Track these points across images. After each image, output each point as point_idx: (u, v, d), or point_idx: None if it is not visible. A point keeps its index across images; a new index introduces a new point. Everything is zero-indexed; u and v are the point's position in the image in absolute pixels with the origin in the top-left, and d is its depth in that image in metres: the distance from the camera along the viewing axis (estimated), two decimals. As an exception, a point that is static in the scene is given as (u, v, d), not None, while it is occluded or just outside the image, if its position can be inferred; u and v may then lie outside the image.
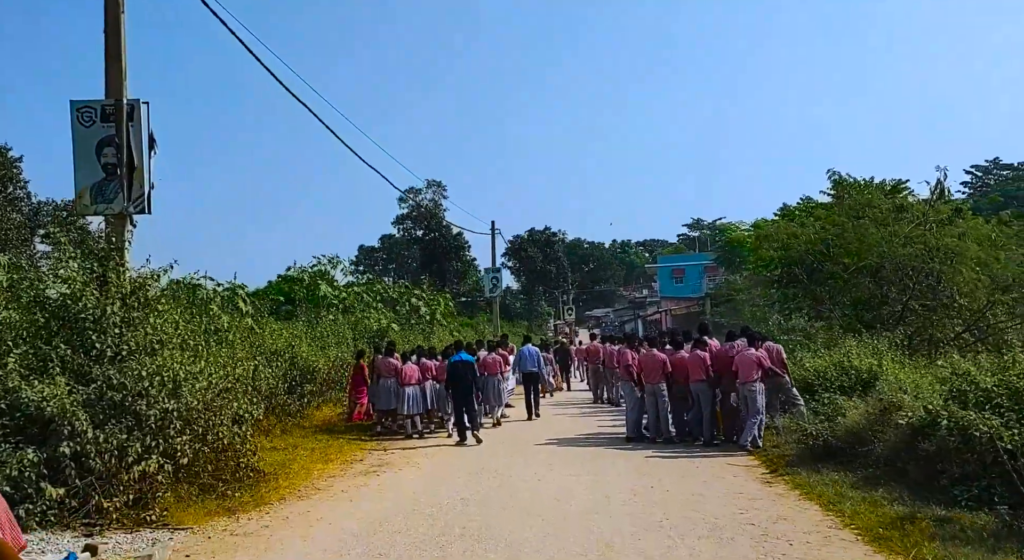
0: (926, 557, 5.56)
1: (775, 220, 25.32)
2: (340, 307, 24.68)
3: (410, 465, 11.06)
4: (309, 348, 18.02)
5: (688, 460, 10.62)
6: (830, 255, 19.87)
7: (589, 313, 78.53)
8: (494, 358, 15.88)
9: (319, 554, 6.61)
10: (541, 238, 68.55)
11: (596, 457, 11.10)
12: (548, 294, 70.18)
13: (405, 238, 79.42)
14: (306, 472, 10.56)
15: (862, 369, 12.87)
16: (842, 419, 9.52)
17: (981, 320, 18.55)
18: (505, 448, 12.37)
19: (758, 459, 10.40)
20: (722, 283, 43.52)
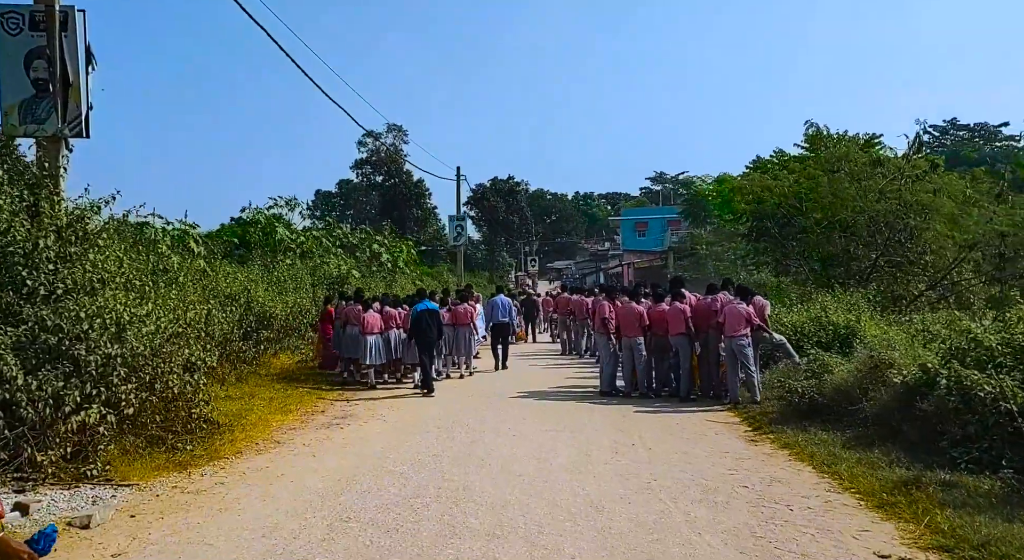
0: (941, 526, 5.20)
1: (748, 173, 24.90)
2: (298, 252, 23.69)
3: (375, 418, 10.48)
4: (266, 293, 17.16)
5: (667, 416, 10.24)
6: (802, 209, 19.58)
7: (550, 265, 78.18)
8: (466, 308, 15.27)
9: (281, 516, 6.01)
10: (504, 187, 67.50)
11: (572, 411, 10.66)
12: (510, 245, 69.51)
13: (364, 184, 77.50)
14: (264, 424, 9.91)
15: (840, 325, 12.64)
16: (829, 376, 9.19)
17: (946, 278, 18.56)
18: (476, 401, 11.86)
19: (738, 416, 10.07)
20: (686, 237, 43.43)
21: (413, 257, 28.89)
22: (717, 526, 5.59)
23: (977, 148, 62.60)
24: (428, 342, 12.86)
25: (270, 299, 16.99)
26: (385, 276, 25.50)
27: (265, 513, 6.12)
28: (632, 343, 11.82)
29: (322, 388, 13.40)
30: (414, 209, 69.97)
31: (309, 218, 29.78)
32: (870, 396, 8.44)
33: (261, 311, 16.29)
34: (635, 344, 11.80)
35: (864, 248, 19.14)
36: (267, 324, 16.47)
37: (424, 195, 69.63)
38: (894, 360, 8.65)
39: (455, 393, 12.77)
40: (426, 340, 12.82)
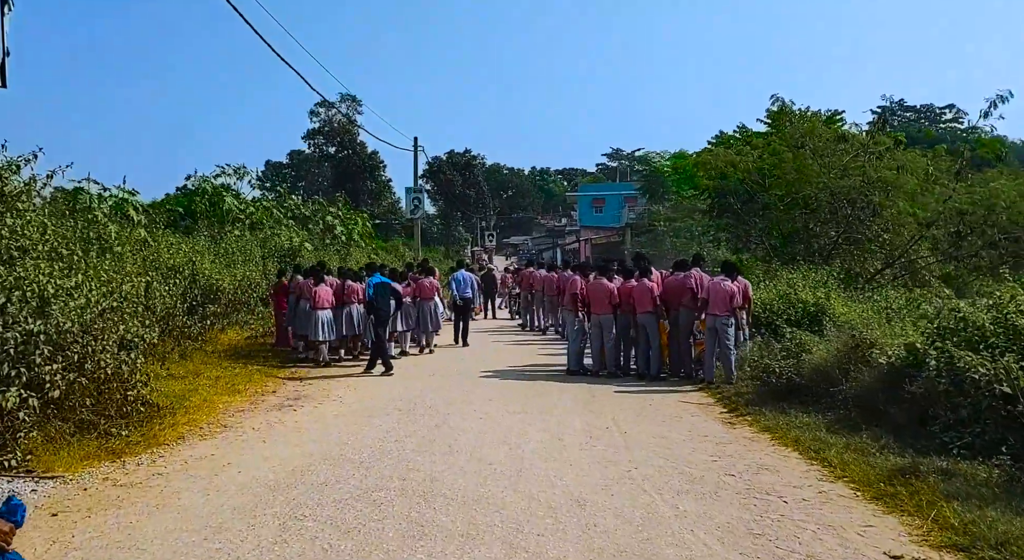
0: (949, 520, 4.83)
1: (711, 148, 24.56)
2: (247, 223, 22.63)
3: (331, 399, 9.81)
4: (212, 265, 16.22)
5: (639, 396, 9.81)
6: (765, 185, 19.35)
7: (506, 240, 77.54)
8: (431, 283, 14.66)
9: (226, 514, 5.36)
10: (460, 161, 66.43)
11: (540, 391, 10.15)
12: (466, 219, 68.62)
13: (316, 155, 75.46)
14: (209, 406, 9.16)
15: (808, 302, 12.39)
16: (807, 356, 8.84)
17: (903, 256, 18.57)
18: (439, 380, 11.26)
19: (712, 396, 9.69)
20: (643, 213, 43.24)
21: (368, 230, 27.96)
22: (709, 522, 5.14)
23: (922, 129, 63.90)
24: (383, 318, 12.21)
25: (217, 272, 16.08)
26: (339, 249, 24.59)
27: (208, 510, 5.45)
28: (601, 320, 11.34)
29: (274, 366, 12.64)
30: (368, 181, 68.48)
31: (259, 189, 28.46)
32: (852, 377, 8.12)
33: (207, 284, 15.39)
34: (604, 322, 11.33)
35: (824, 225, 19.05)
36: (214, 298, 15.58)
37: (378, 167, 68.11)
38: (875, 339, 8.34)
39: (417, 371, 12.16)
40: (381, 316, 12.16)
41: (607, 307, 11.33)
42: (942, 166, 19.21)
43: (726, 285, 10.22)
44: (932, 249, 18.77)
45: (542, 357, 13.85)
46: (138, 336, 8.28)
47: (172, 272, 13.57)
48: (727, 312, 10.07)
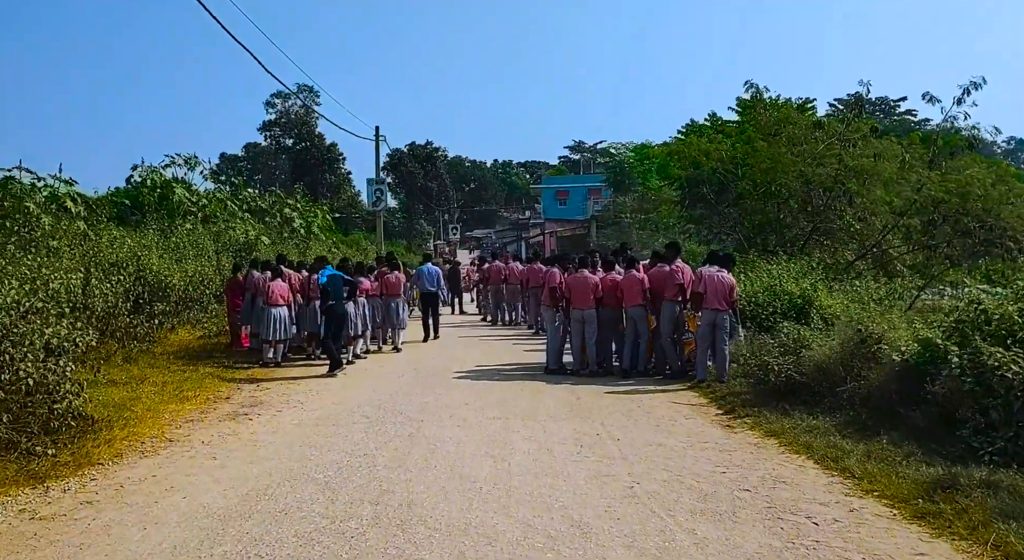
0: (1014, 547, 4.19)
1: (682, 138, 24.04)
2: (199, 216, 21.39)
3: (291, 405, 8.90)
4: (161, 261, 15.09)
5: (625, 397, 9.10)
6: (739, 175, 18.86)
7: (470, 233, 76.56)
8: (397, 278, 13.81)
9: (166, 554, 4.48)
10: (422, 153, 65.26)
11: (519, 393, 9.37)
12: (428, 213, 67.51)
13: (272, 147, 73.55)
14: (154, 416, 8.19)
15: (795, 294, 11.86)
16: (807, 352, 8.22)
17: (876, 246, 18.24)
18: (410, 382, 10.40)
19: (703, 396, 9.03)
20: (609, 205, 42.72)
21: (328, 223, 26.84)
22: (735, 551, 4.42)
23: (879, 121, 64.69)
24: (338, 314, 11.35)
25: (166, 267, 14.96)
26: (298, 243, 23.47)
27: (144, 550, 4.56)
28: (584, 316, 10.61)
29: (229, 368, 11.64)
30: (327, 174, 67.01)
31: (214, 182, 26.94)
32: (859, 375, 7.51)
33: (156, 281, 14.29)
34: (587, 317, 10.60)
35: (797, 215, 18.66)
36: (163, 295, 14.48)
37: (338, 160, 66.67)
38: (882, 334, 7.75)
39: (384, 371, 11.29)
40: (336, 311, 11.28)
41: (590, 301, 10.60)
42: (915, 154, 18.96)
43: (726, 277, 9.55)
44: (905, 239, 18.52)
45: (516, 354, 13.08)
46: (68, 340, 7.28)
47: (114, 268, 12.45)
48: (727, 307, 9.42)
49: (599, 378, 10.44)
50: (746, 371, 9.28)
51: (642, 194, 39.24)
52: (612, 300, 10.77)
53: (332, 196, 68.33)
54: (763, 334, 9.98)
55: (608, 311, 10.80)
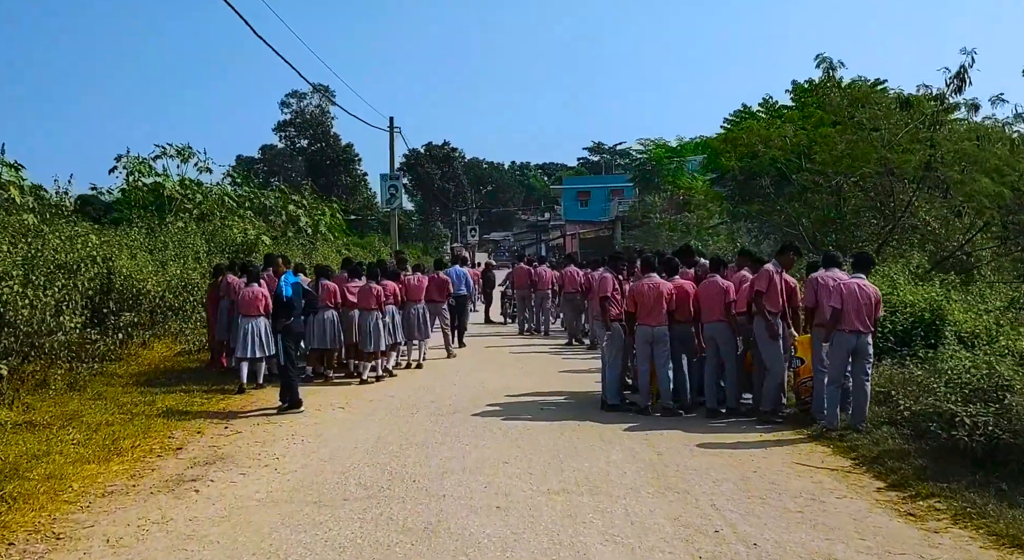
0: None
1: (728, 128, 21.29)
2: (194, 213, 18.96)
3: (261, 463, 6.31)
4: (133, 262, 12.61)
5: (729, 455, 6.42)
6: (803, 165, 16.13)
7: (487, 236, 73.90)
8: (419, 280, 11.29)
9: None
10: (439, 154, 62.77)
11: (576, 446, 6.71)
12: (445, 214, 65.01)
13: (288, 149, 71.43)
14: (60, 484, 5.64)
15: (918, 305, 9.19)
16: (1015, 398, 5.51)
17: (962, 248, 15.45)
18: (427, 422, 7.73)
19: (839, 454, 6.31)
20: (636, 204, 39.96)
21: (339, 223, 24.34)
22: None
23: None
24: (296, 335, 8.79)
25: (140, 270, 12.49)
26: (304, 243, 20.98)
27: None
28: (654, 334, 7.95)
29: (200, 396, 9.11)
30: (343, 175, 64.74)
31: (230, 185, 24.21)
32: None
33: (125, 286, 11.85)
34: (658, 336, 7.95)
35: (872, 212, 15.91)
36: (133, 304, 12.03)
37: (353, 160, 64.33)
38: None
39: (395, 404, 8.66)
40: (293, 330, 8.69)
41: (661, 316, 7.95)
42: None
43: (868, 287, 6.86)
44: (1001, 240, 15.72)
45: (557, 377, 10.45)
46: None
47: (63, 271, 9.96)
48: (871, 328, 6.74)
49: (676, 419, 7.78)
50: (891, 416, 6.62)
51: (672, 193, 36.62)
52: (684, 314, 8.15)
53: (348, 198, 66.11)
54: (911, 363, 7.30)
55: (679, 327, 8.17)
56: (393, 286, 10.87)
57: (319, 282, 10.31)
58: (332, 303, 10.28)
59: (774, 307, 7.34)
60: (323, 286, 10.24)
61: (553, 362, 12.18)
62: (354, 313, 10.38)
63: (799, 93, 19.65)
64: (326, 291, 10.22)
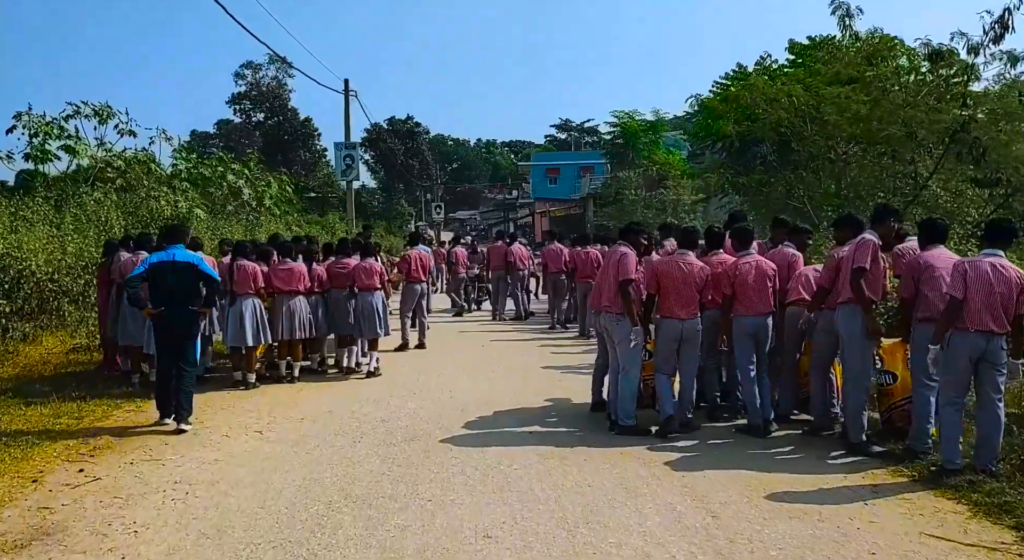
0: None
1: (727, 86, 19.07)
2: (116, 183, 16.30)
3: (105, 542, 3.99)
4: (13, 237, 10.11)
5: (817, 518, 4.29)
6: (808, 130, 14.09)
7: (452, 214, 71.34)
8: (370, 266, 8.89)
9: None
10: (403, 128, 59.90)
11: (589, 504, 4.48)
12: (409, 192, 62.30)
13: (245, 124, 67.73)
14: None
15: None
16: None
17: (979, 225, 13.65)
18: (372, 460, 5.39)
19: (977, 512, 4.27)
20: (608, 181, 37.87)
21: (288, 195, 21.69)
22: None
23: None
24: (174, 331, 6.39)
25: (23, 249, 10.00)
26: (247, 218, 18.44)
27: None
28: (683, 330, 5.83)
29: (77, 409, 6.75)
30: (301, 151, 61.63)
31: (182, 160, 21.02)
32: None
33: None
34: (688, 333, 5.83)
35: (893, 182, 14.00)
36: (12, 288, 9.57)
37: (312, 135, 61.14)
38: None
39: (332, 428, 6.39)
40: (169, 327, 6.35)
41: (692, 305, 5.83)
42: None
43: (1009, 270, 4.75)
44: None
45: (546, 379, 8.29)
46: None
47: None
48: (1006, 326, 4.67)
49: (716, 442, 5.67)
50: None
51: (647, 168, 34.55)
52: (714, 299, 6.07)
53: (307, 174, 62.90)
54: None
55: (710, 319, 6.09)
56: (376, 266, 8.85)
57: (234, 264, 7.98)
58: (253, 289, 7.94)
59: (875, 294, 5.23)
60: (240, 268, 7.89)
61: (536, 355, 10.04)
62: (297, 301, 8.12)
63: (799, 51, 17.62)
64: (243, 274, 7.88)
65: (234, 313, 7.81)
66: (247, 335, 7.79)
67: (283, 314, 8.18)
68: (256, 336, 7.89)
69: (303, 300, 8.32)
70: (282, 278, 8.24)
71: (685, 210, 33.31)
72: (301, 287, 8.28)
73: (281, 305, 8.20)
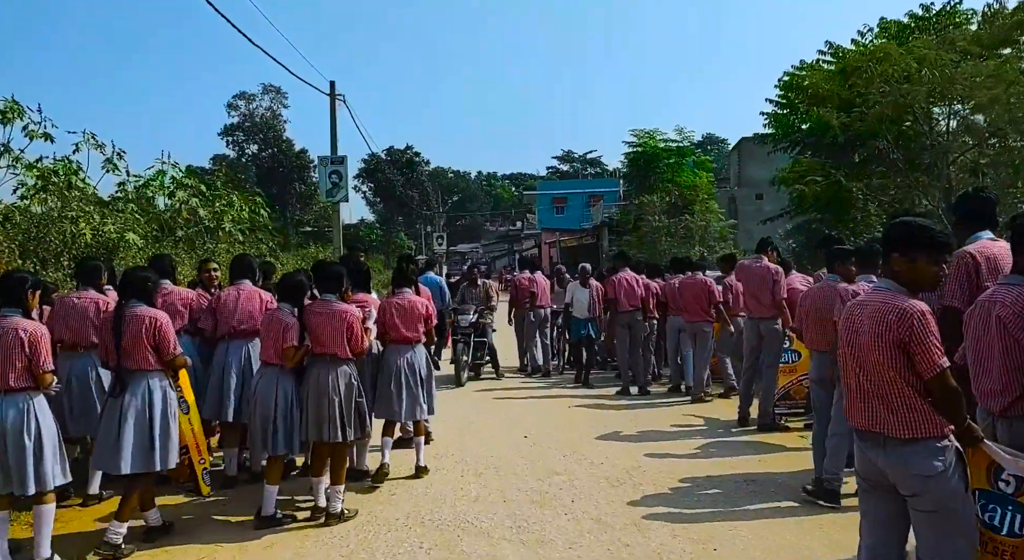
0: None
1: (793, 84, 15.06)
2: (27, 201, 12.12)
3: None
4: None
5: None
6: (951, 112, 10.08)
7: (453, 248, 67.49)
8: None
9: None
10: (402, 159, 56.25)
11: None
12: (409, 225, 58.39)
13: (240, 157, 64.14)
14: None
15: None
16: None
17: None
18: None
19: None
20: (628, 207, 33.82)
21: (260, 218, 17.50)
22: None
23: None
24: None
25: None
26: (201, 243, 14.24)
27: None
28: None
29: None
30: (297, 183, 57.97)
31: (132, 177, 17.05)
32: None
33: None
34: None
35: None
36: None
37: (308, 167, 57.46)
38: None
39: None
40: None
41: None
42: None
43: None
44: None
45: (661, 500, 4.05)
46: None
47: None
48: None
49: None
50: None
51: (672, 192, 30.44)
52: None
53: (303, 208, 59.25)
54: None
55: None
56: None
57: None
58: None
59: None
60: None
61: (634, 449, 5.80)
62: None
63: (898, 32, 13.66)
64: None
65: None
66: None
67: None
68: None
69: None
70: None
71: (717, 238, 29.28)
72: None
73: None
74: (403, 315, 5.82)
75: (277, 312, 5.03)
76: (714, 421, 7.51)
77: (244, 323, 5.63)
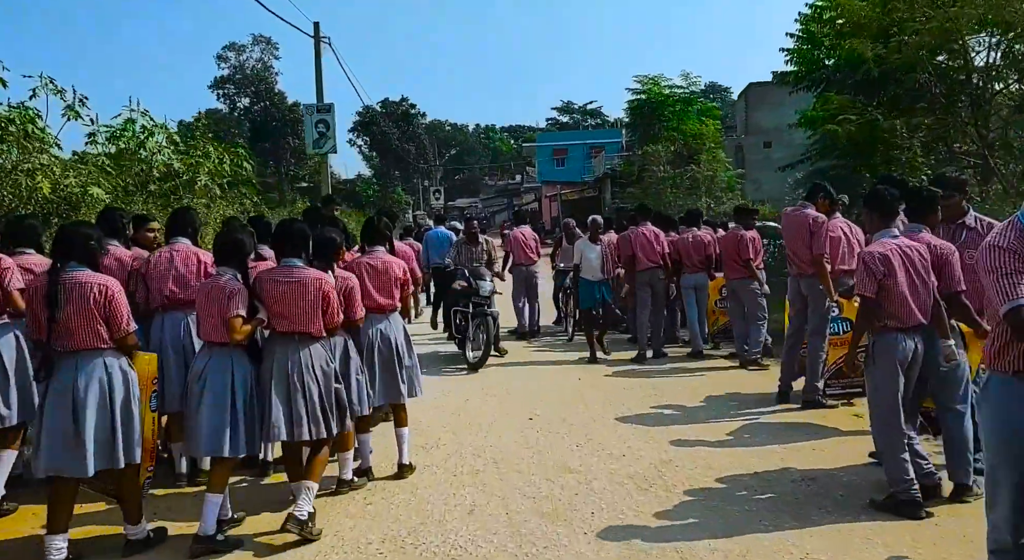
0: None
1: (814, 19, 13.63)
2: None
3: None
4: None
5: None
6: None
7: (452, 203, 66.06)
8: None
9: None
10: (397, 111, 54.41)
11: None
12: (406, 179, 56.87)
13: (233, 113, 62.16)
14: None
15: None
16: None
17: None
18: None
19: None
20: (632, 157, 32.40)
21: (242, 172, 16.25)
22: None
23: None
24: None
25: None
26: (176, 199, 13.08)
27: None
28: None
29: None
30: (290, 138, 56.17)
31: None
32: None
33: None
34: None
35: None
36: None
37: (300, 121, 55.36)
38: None
39: None
40: None
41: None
42: None
43: None
44: None
45: None
46: None
47: None
48: None
49: None
50: None
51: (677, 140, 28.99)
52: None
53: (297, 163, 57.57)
54: None
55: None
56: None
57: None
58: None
59: None
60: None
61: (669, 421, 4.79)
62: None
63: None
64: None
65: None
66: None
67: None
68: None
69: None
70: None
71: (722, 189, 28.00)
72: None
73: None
74: (376, 278, 4.77)
75: (218, 278, 3.96)
76: (745, 397, 6.52)
77: (180, 291, 4.57)
